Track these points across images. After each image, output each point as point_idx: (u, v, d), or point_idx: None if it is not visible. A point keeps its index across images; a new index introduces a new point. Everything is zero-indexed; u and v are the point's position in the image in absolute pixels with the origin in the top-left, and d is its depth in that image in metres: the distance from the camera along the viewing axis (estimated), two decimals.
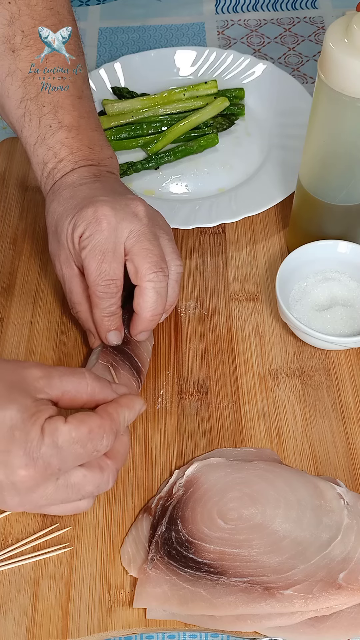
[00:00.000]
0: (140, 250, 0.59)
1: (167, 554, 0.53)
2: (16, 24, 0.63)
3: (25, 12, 0.63)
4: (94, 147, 0.65)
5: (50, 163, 0.64)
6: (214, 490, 0.56)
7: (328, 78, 0.57)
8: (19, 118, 0.65)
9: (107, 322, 0.61)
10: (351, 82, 0.56)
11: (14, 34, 0.63)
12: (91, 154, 0.65)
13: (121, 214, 0.59)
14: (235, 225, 0.78)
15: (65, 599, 0.53)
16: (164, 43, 1.02)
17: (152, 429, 0.62)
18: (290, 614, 0.50)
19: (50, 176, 0.65)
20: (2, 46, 0.63)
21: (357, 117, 0.58)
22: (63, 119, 0.64)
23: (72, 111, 0.64)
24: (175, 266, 0.62)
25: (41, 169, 0.65)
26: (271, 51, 1.00)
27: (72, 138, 0.64)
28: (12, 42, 0.63)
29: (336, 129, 0.61)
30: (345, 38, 0.55)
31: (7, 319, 0.71)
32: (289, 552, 0.53)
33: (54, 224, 0.63)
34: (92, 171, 0.64)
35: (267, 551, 0.53)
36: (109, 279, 0.59)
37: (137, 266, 0.59)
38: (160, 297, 0.60)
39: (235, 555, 0.53)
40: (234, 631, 0.51)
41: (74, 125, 0.64)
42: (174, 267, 0.62)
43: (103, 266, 0.58)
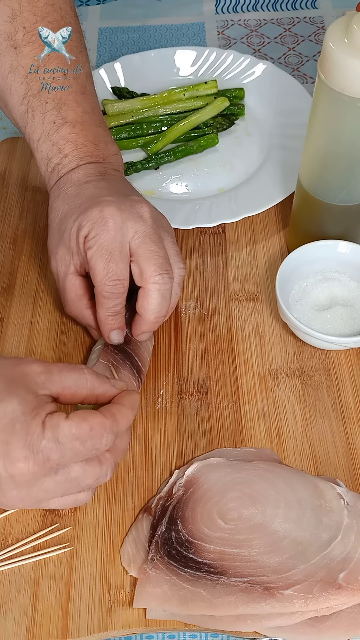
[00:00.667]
0: (145, 251, 0.59)
1: (167, 554, 0.53)
2: (18, 20, 0.63)
3: (26, 8, 0.63)
4: (98, 144, 0.65)
5: (55, 158, 0.64)
6: (214, 490, 0.56)
7: (328, 78, 0.57)
8: (22, 115, 0.65)
9: (112, 321, 0.61)
10: (351, 82, 0.56)
11: (16, 31, 0.63)
12: (96, 150, 0.65)
13: (126, 214, 0.59)
14: (235, 225, 0.78)
15: (65, 599, 0.53)
16: (164, 43, 1.02)
17: (152, 429, 0.62)
18: (290, 614, 0.50)
19: (55, 171, 0.64)
20: (4, 43, 0.63)
21: (357, 117, 0.58)
22: (67, 115, 0.64)
23: (75, 107, 0.64)
24: (178, 269, 0.62)
25: (45, 164, 0.65)
26: (271, 51, 1.00)
27: (77, 134, 0.64)
28: (14, 39, 0.63)
29: (336, 129, 0.61)
30: (345, 38, 0.55)
31: (7, 319, 0.71)
32: (289, 552, 0.53)
33: (57, 220, 0.63)
34: (98, 169, 0.64)
35: (267, 551, 0.53)
36: (117, 279, 0.58)
37: (142, 268, 0.59)
38: (165, 300, 0.60)
39: (235, 555, 0.53)
40: (234, 631, 0.51)
41: (78, 121, 0.64)
42: (177, 270, 0.62)
43: (110, 266, 0.58)
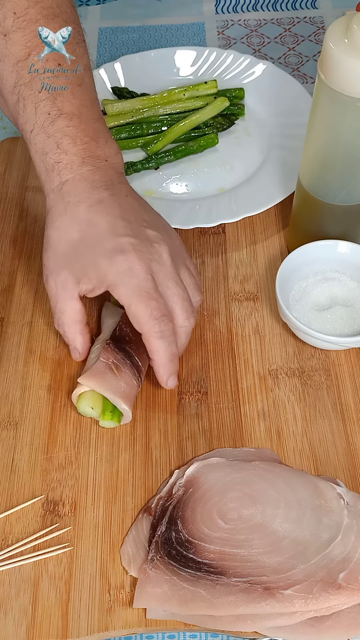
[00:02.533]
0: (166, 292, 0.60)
1: (167, 553, 0.53)
2: (7, 5, 0.59)
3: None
4: (98, 140, 0.62)
5: (52, 154, 0.60)
6: (214, 490, 0.56)
7: (328, 78, 0.57)
8: (13, 105, 0.61)
9: (172, 366, 0.60)
10: (351, 82, 0.56)
11: (5, 17, 0.59)
12: (97, 148, 0.61)
13: (147, 256, 0.59)
14: (235, 225, 0.78)
15: (65, 599, 0.53)
16: (164, 43, 1.02)
17: (152, 429, 0.62)
18: (290, 614, 0.50)
19: (55, 171, 0.61)
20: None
21: (357, 117, 0.58)
22: (62, 107, 0.60)
23: (72, 99, 0.61)
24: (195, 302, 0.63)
25: (41, 159, 0.61)
26: (271, 51, 1.00)
27: (75, 127, 0.60)
28: (3, 26, 0.59)
29: (336, 129, 0.61)
30: (345, 38, 0.55)
31: (7, 319, 0.71)
32: (289, 552, 0.53)
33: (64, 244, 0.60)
34: (103, 177, 0.61)
35: (267, 551, 0.53)
36: (162, 314, 0.58)
37: None
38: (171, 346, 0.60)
39: (235, 555, 0.53)
40: (234, 631, 0.51)
41: (75, 113, 0.60)
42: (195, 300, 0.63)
43: (151, 304, 0.57)
